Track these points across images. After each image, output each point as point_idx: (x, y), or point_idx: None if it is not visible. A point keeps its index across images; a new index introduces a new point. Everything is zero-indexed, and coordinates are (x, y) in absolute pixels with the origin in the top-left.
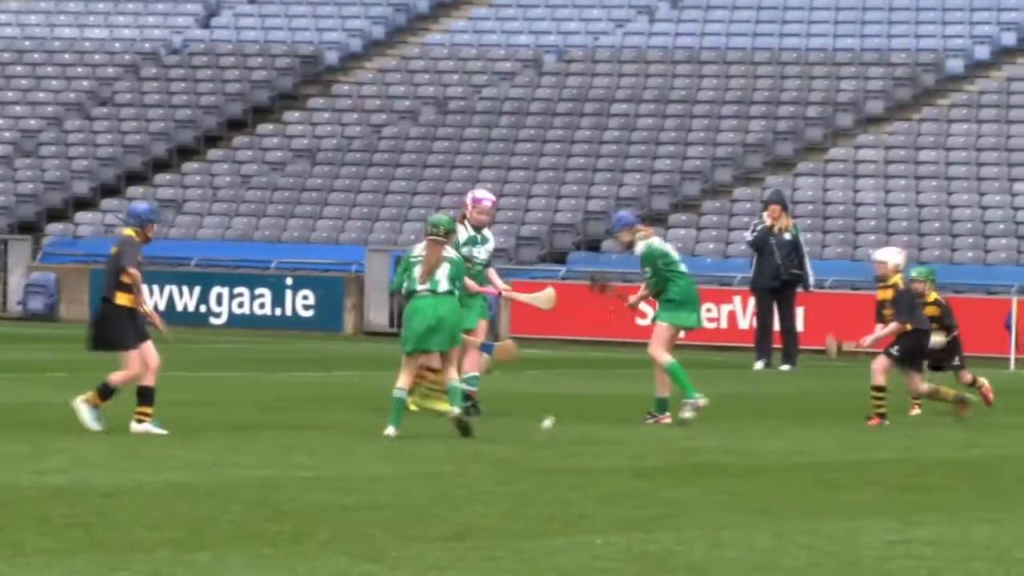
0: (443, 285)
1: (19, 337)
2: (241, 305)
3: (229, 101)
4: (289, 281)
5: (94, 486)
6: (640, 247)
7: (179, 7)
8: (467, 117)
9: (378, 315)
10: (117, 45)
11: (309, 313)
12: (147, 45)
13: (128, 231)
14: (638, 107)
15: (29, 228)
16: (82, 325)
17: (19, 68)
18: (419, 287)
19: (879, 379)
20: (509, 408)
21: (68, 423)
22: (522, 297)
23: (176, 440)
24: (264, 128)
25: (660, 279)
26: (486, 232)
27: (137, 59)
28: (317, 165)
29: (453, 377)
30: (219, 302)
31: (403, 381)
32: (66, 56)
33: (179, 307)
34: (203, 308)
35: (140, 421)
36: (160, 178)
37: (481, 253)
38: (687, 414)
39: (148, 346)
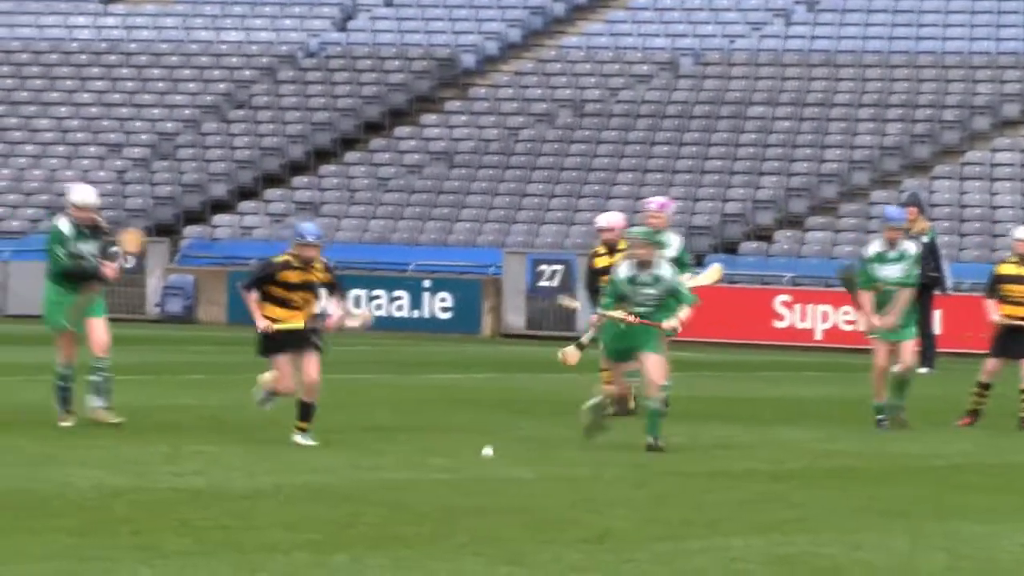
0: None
1: (156, 339)
2: (379, 307)
3: (366, 104)
4: (427, 283)
5: (232, 488)
6: (914, 246)
7: (315, 10)
8: (604, 120)
9: (515, 317)
10: (254, 48)
11: (447, 315)
12: (284, 48)
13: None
14: (775, 110)
15: (167, 231)
16: (219, 327)
17: (156, 71)
18: None
19: None
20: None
21: (205, 425)
22: (693, 283)
23: (318, 439)
24: (401, 131)
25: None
26: (664, 236)
27: (274, 62)
28: (454, 167)
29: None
30: (357, 305)
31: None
32: (203, 59)
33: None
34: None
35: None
36: (297, 181)
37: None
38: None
39: (283, 360)
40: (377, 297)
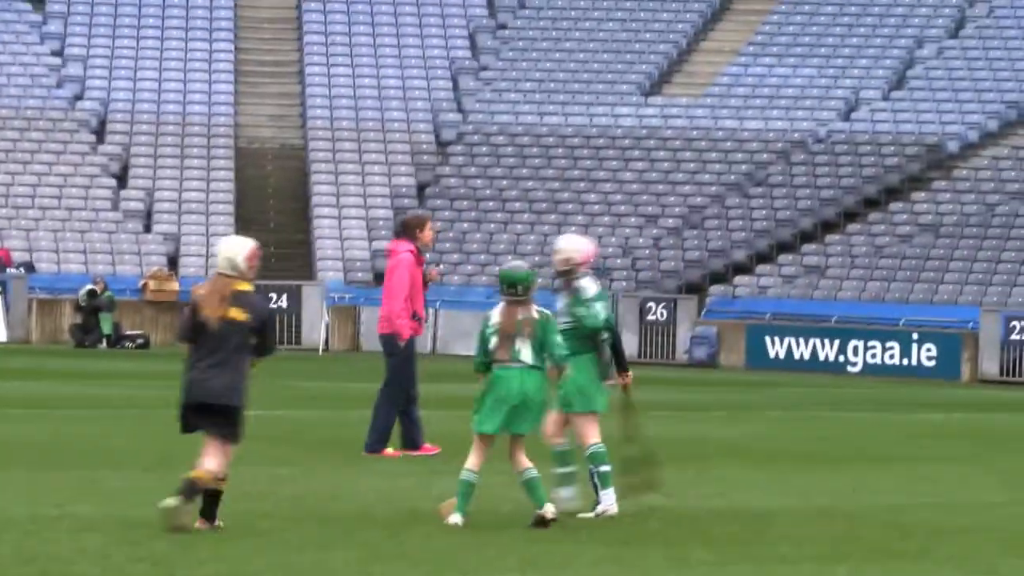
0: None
1: (685, 381)
2: (874, 356)
3: (865, 183)
4: (915, 336)
5: (749, 508)
6: None
7: (824, 103)
8: None
9: (991, 365)
10: (771, 134)
11: (931, 363)
12: (796, 135)
13: None
14: None
15: (694, 289)
16: (739, 371)
17: (687, 153)
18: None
19: None
20: None
21: (726, 453)
22: None
23: (823, 467)
24: (895, 206)
25: None
26: None
27: (788, 146)
28: (940, 238)
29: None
30: (855, 353)
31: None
32: (727, 144)
33: (821, 357)
34: (842, 358)
35: None
36: (806, 247)
37: None
38: None
39: None
40: (873, 347)
